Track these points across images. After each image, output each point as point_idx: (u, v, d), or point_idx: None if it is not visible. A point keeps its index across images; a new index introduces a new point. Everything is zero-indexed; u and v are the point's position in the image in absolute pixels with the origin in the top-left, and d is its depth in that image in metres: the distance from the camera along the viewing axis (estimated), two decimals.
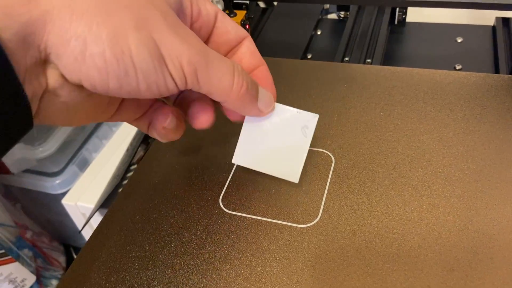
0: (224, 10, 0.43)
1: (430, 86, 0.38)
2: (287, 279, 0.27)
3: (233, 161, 0.30)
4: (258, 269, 0.28)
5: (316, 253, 0.28)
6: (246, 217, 0.31)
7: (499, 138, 0.33)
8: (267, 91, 0.27)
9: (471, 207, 0.29)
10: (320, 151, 0.34)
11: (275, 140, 0.29)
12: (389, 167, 0.32)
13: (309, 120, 0.29)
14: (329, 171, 0.33)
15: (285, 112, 0.29)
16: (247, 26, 0.43)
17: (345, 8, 0.56)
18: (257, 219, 0.31)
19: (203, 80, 0.22)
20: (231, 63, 0.24)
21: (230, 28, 0.26)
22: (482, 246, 0.27)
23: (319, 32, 0.55)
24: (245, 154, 0.30)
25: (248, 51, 0.28)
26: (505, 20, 0.51)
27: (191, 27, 0.25)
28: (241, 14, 0.43)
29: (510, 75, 0.38)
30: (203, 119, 0.27)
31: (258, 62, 0.28)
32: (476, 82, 0.38)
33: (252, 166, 0.30)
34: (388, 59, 0.49)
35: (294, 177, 0.30)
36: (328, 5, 0.58)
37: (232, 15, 0.43)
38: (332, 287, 0.26)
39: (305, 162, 0.30)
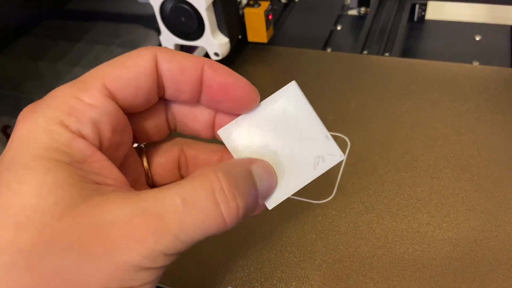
0: (248, 1, 0.45)
1: (445, 78, 0.40)
2: (301, 248, 0.29)
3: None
4: (275, 238, 0.30)
5: (330, 227, 0.30)
6: None
7: (510, 128, 0.34)
8: (259, 167, 0.19)
9: (479, 190, 0.30)
10: (336, 135, 0.36)
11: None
12: (402, 151, 0.34)
13: (331, 154, 0.20)
14: (344, 154, 0.35)
15: (312, 125, 0.20)
16: (270, 17, 0.45)
17: (366, 4, 0.57)
18: None
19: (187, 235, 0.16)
20: (206, 184, 0.16)
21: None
22: (488, 224, 0.28)
23: (339, 28, 0.56)
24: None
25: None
26: None
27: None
28: (265, 4, 0.44)
29: None
30: None
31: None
32: (490, 75, 0.39)
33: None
34: (406, 55, 0.50)
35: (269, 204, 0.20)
36: (349, 1, 0.60)
37: (256, 6, 0.44)
38: (344, 256, 0.28)
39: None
